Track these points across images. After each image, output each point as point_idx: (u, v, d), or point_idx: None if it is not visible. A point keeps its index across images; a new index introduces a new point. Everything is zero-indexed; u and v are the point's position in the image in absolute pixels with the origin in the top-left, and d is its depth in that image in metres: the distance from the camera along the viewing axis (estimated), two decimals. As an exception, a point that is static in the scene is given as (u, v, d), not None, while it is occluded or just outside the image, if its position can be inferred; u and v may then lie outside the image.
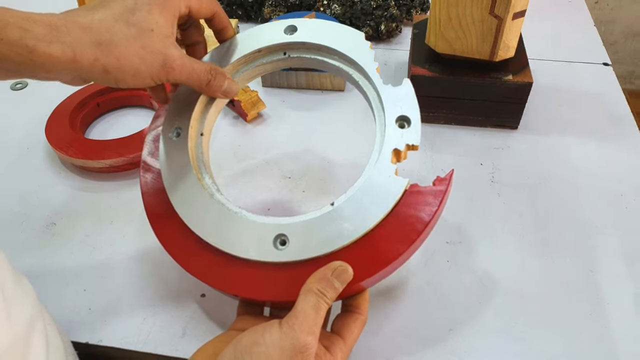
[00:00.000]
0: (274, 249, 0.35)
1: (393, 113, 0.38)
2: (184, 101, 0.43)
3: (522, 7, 0.53)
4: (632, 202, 0.52)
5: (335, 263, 0.33)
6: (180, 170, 0.40)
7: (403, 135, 0.37)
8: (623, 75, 1.66)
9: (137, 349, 0.41)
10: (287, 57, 0.44)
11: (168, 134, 0.42)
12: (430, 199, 0.35)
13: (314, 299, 0.31)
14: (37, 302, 0.34)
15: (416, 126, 0.37)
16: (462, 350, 0.40)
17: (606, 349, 0.40)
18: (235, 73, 0.44)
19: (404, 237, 0.34)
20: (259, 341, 0.29)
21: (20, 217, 0.52)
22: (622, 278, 0.45)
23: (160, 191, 0.40)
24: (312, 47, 0.43)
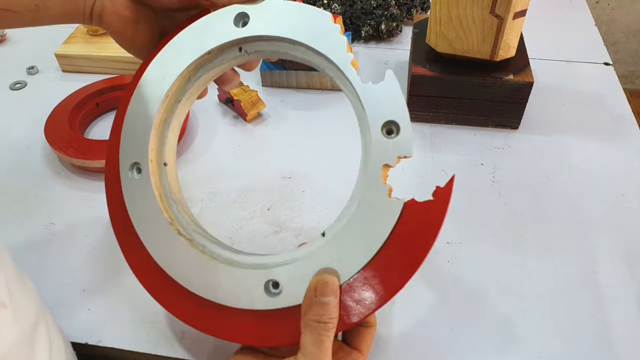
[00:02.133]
0: (266, 295, 0.32)
1: (378, 119, 0.31)
2: (136, 132, 0.37)
3: (522, 7, 0.53)
4: (633, 202, 0.51)
5: (312, 281, 0.31)
6: (150, 216, 0.35)
7: (392, 146, 0.31)
8: (624, 75, 1.65)
9: (136, 349, 0.41)
10: (243, 53, 0.37)
11: (127, 172, 0.37)
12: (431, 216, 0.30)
13: (312, 334, 0.30)
14: (40, 302, 0.34)
15: (406, 132, 0.31)
16: (463, 351, 0.40)
17: (607, 350, 0.40)
18: (187, 83, 0.38)
19: (407, 264, 0.30)
20: None
21: (19, 217, 0.52)
22: (623, 278, 0.45)
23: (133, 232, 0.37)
24: (271, 39, 0.35)
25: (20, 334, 0.30)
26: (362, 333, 0.34)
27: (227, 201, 0.52)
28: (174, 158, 0.39)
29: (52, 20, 0.38)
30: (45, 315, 0.34)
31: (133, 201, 0.36)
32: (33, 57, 0.74)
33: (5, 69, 0.73)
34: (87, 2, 0.38)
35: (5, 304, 0.29)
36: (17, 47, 0.78)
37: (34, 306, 0.33)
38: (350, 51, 0.33)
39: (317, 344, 0.30)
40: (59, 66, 0.72)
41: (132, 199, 0.36)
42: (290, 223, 0.50)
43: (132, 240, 0.36)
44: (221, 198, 0.53)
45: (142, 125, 0.37)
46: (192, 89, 0.38)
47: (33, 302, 0.33)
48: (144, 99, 0.37)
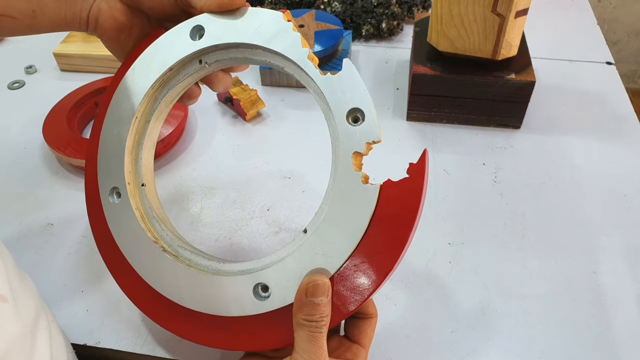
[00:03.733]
0: (256, 300, 0.32)
1: (341, 108, 0.31)
2: (111, 156, 0.38)
3: (524, 5, 0.53)
4: (635, 202, 0.51)
5: (303, 283, 0.31)
6: (134, 238, 0.36)
7: (359, 133, 0.31)
8: (626, 74, 1.65)
9: (135, 350, 0.40)
10: (203, 65, 0.37)
11: (107, 198, 0.38)
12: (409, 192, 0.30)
13: (305, 332, 0.30)
14: (40, 300, 0.34)
15: (371, 118, 0.31)
16: (464, 352, 0.40)
17: (608, 350, 0.40)
18: (154, 102, 0.38)
19: (394, 244, 0.30)
20: None
21: (18, 217, 0.51)
22: (624, 279, 0.44)
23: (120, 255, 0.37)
24: (227, 46, 0.36)
25: (22, 329, 0.30)
26: (361, 326, 0.34)
27: (227, 201, 0.52)
28: (151, 177, 0.40)
29: (49, 27, 0.38)
30: (46, 312, 0.35)
31: (116, 225, 0.37)
32: (31, 56, 0.74)
33: (3, 68, 0.72)
34: (84, 7, 0.38)
35: (7, 298, 0.29)
36: (16, 47, 0.78)
37: (35, 302, 0.33)
38: (305, 46, 0.33)
39: (311, 341, 0.30)
40: (57, 65, 0.71)
41: (115, 222, 0.37)
42: (290, 223, 0.50)
43: (120, 263, 0.37)
44: (220, 198, 0.53)
45: (116, 149, 0.37)
46: (159, 107, 0.38)
47: (33, 298, 0.33)
48: (115, 121, 0.38)
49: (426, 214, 0.50)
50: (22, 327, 0.30)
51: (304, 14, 0.70)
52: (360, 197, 0.31)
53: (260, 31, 0.34)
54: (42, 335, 0.32)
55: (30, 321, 0.31)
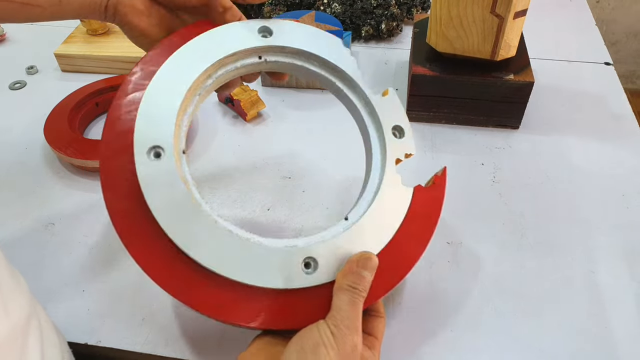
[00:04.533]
0: (304, 274, 0.34)
1: (388, 123, 0.40)
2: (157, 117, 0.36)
3: (523, 6, 0.53)
4: (633, 201, 0.51)
5: (357, 254, 0.34)
6: (174, 200, 0.34)
7: (401, 144, 0.39)
8: (625, 75, 1.65)
9: (136, 349, 0.40)
10: (262, 61, 0.40)
11: (144, 156, 0.34)
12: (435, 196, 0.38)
13: (347, 295, 0.32)
14: (32, 299, 0.34)
15: (409, 134, 0.40)
16: (463, 351, 0.40)
17: (607, 349, 0.40)
18: (207, 79, 0.39)
19: (421, 237, 0.36)
20: (319, 343, 0.30)
21: (19, 217, 0.52)
22: (623, 278, 0.45)
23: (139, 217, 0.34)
24: (291, 51, 0.41)
25: (11, 329, 0.30)
26: (374, 321, 0.36)
27: (227, 201, 0.52)
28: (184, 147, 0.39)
29: (72, 15, 0.40)
30: (38, 312, 0.34)
31: (152, 185, 0.34)
32: (32, 56, 0.74)
33: (4, 68, 0.72)
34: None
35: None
36: (17, 47, 0.78)
37: (26, 302, 0.33)
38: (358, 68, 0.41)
39: (351, 304, 0.32)
40: (59, 66, 0.72)
41: (150, 183, 0.34)
42: (290, 223, 0.50)
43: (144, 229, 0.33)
44: (221, 198, 0.53)
45: (165, 111, 0.36)
46: (210, 86, 0.39)
47: (25, 298, 0.33)
48: (166, 88, 0.37)
49: (425, 213, 0.50)
50: (11, 325, 0.30)
51: (303, 15, 0.71)
52: (400, 195, 0.37)
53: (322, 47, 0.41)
54: (33, 335, 0.32)
55: (21, 320, 0.31)
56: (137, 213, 0.34)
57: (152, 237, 0.33)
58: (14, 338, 0.30)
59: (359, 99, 0.41)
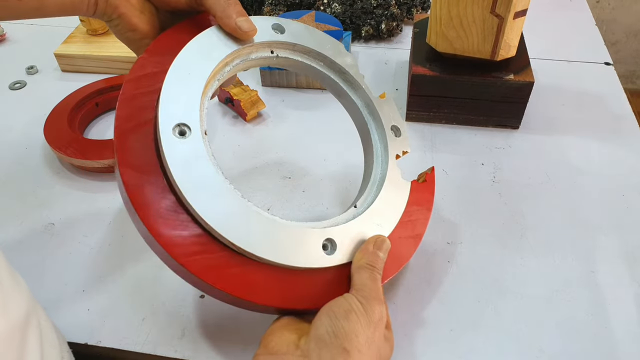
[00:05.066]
0: (324, 254, 0.35)
1: (387, 122, 0.44)
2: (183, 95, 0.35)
3: (523, 6, 0.53)
4: (633, 201, 0.51)
5: (373, 237, 0.37)
6: (202, 178, 0.33)
7: (399, 142, 0.44)
8: (625, 75, 1.65)
9: (136, 349, 0.40)
10: (275, 56, 0.42)
11: (170, 133, 0.33)
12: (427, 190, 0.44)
13: (367, 272, 0.35)
14: (32, 299, 0.34)
15: (405, 134, 0.45)
16: (463, 350, 0.40)
17: (607, 349, 0.40)
18: (226, 66, 0.40)
19: (422, 220, 0.42)
20: (350, 310, 0.32)
21: (19, 217, 0.52)
22: (622, 278, 0.45)
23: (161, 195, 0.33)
24: (301, 49, 0.43)
25: (10, 328, 0.30)
26: None
27: (227, 201, 0.52)
28: None
29: (55, 9, 0.37)
30: (37, 311, 0.34)
31: (179, 162, 0.33)
32: (32, 56, 0.74)
33: (4, 68, 0.73)
34: None
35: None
36: (17, 47, 0.78)
37: (26, 301, 0.33)
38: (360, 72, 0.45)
39: (372, 279, 0.34)
40: (59, 66, 0.72)
41: (177, 160, 0.33)
42: (290, 223, 0.50)
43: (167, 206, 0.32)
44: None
45: (190, 92, 0.35)
46: (227, 73, 0.40)
47: (24, 297, 0.33)
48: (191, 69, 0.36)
49: (425, 213, 0.50)
50: (10, 324, 0.30)
51: (303, 15, 0.71)
52: (402, 187, 0.42)
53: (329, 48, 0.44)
54: (32, 334, 0.32)
55: (20, 319, 0.31)
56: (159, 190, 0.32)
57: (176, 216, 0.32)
58: (13, 337, 0.30)
59: (360, 100, 0.45)
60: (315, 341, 0.31)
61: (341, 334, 0.31)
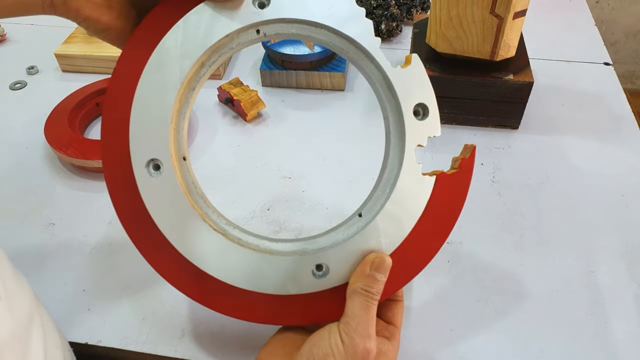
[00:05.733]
0: (315, 279, 0.34)
1: (408, 102, 0.34)
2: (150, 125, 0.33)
3: (522, 7, 0.53)
4: (632, 202, 0.51)
5: (371, 256, 0.33)
6: (179, 215, 0.33)
7: (423, 127, 0.34)
8: (624, 75, 1.65)
9: (136, 349, 0.41)
10: (261, 35, 0.35)
11: (144, 171, 0.33)
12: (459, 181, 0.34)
13: (360, 300, 0.32)
14: (34, 298, 0.34)
15: (434, 114, 0.34)
16: (463, 350, 0.40)
17: (606, 349, 0.40)
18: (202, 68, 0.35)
19: (439, 232, 0.34)
20: (329, 353, 0.31)
21: (20, 217, 0.52)
22: (622, 278, 0.45)
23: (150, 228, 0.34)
24: (293, 21, 0.34)
25: (15, 327, 0.30)
26: (394, 308, 0.36)
27: (227, 201, 0.52)
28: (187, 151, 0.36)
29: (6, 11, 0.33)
30: (40, 311, 0.35)
31: (155, 201, 0.33)
32: (33, 57, 0.74)
33: (5, 68, 0.73)
34: None
35: (1, 297, 0.29)
36: (17, 47, 0.78)
37: (29, 302, 0.33)
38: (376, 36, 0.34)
39: (365, 308, 0.31)
40: (59, 66, 0.72)
41: (153, 198, 0.33)
42: (290, 223, 0.50)
43: (155, 242, 0.34)
44: (221, 198, 0.53)
45: (157, 118, 0.33)
46: (206, 74, 0.35)
47: (28, 297, 0.33)
48: (156, 87, 0.33)
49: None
50: (15, 325, 0.30)
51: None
52: (419, 188, 0.34)
53: (332, 12, 0.33)
54: (36, 333, 0.32)
55: (24, 320, 0.31)
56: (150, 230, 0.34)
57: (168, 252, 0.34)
58: (18, 337, 0.30)
59: (377, 72, 0.35)
60: None
61: None
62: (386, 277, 0.33)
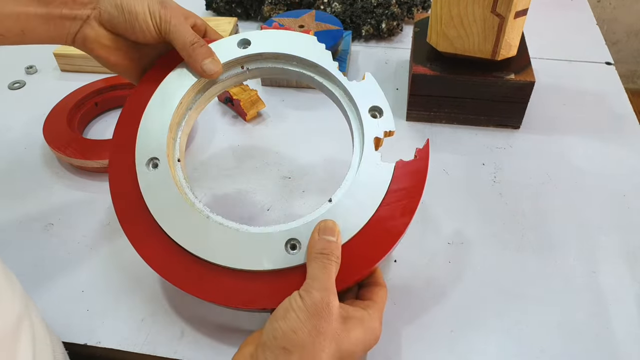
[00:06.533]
0: (287, 254, 0.36)
1: (365, 105, 0.41)
2: (153, 132, 0.42)
3: (524, 6, 0.53)
4: (634, 202, 0.51)
5: (317, 225, 0.36)
6: (171, 204, 0.39)
7: (379, 124, 0.40)
8: (625, 75, 1.65)
9: (135, 350, 0.40)
10: (245, 70, 0.45)
11: (144, 167, 0.41)
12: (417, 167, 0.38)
13: (317, 262, 0.34)
14: (25, 299, 0.34)
15: (388, 114, 0.41)
16: (463, 351, 0.40)
17: (607, 350, 0.40)
18: (196, 94, 0.45)
19: (406, 209, 0.37)
20: (288, 308, 0.32)
21: (18, 217, 0.51)
22: (624, 278, 0.45)
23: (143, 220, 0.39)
24: (269, 56, 0.44)
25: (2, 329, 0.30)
26: (371, 288, 0.37)
27: (227, 201, 0.52)
28: (184, 158, 0.44)
29: (38, 42, 0.43)
30: (30, 312, 0.34)
31: (151, 192, 0.40)
32: (32, 56, 0.74)
33: (3, 68, 0.72)
34: (71, 30, 0.42)
35: None
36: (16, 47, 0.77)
37: (18, 303, 0.33)
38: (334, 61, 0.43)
39: (322, 269, 0.33)
40: (58, 65, 0.71)
41: (150, 190, 0.40)
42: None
43: (146, 230, 0.39)
44: (221, 198, 0.53)
45: (159, 127, 0.42)
46: (200, 99, 0.45)
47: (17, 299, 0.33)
48: (161, 106, 0.43)
49: (425, 213, 0.50)
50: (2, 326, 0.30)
51: (303, 15, 0.71)
52: (380, 172, 0.38)
53: (298, 47, 0.44)
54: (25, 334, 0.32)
55: (12, 322, 0.31)
56: (141, 216, 0.39)
57: (156, 236, 0.38)
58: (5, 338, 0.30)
59: (338, 89, 0.43)
60: (262, 347, 0.31)
61: (279, 335, 0.31)
62: (336, 238, 0.35)
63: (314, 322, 0.31)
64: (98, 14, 0.42)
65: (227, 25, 0.76)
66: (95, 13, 0.42)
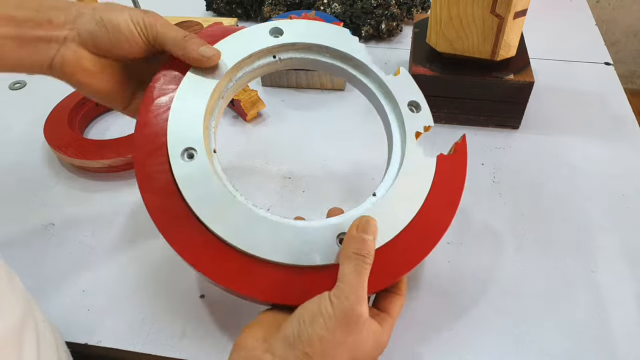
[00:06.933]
0: (338, 249, 0.35)
1: (403, 100, 0.41)
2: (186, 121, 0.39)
3: (523, 6, 0.53)
4: (633, 201, 0.51)
5: (355, 221, 0.34)
6: (209, 194, 0.36)
7: (417, 118, 0.41)
8: (625, 75, 1.65)
9: (136, 349, 0.40)
10: (277, 60, 0.43)
11: (179, 158, 0.37)
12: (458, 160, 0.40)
13: (352, 263, 0.32)
14: (28, 299, 0.34)
15: (425, 109, 0.42)
16: (463, 351, 0.40)
17: (607, 349, 0.40)
18: (228, 82, 0.42)
19: (450, 202, 0.37)
20: (317, 313, 0.31)
21: (19, 217, 0.52)
22: (623, 278, 0.45)
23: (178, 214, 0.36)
24: (302, 47, 0.43)
25: (6, 330, 0.30)
26: (392, 298, 0.36)
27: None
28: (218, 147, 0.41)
29: (9, 69, 0.37)
30: (34, 312, 0.34)
31: (189, 183, 0.36)
32: (33, 56, 0.74)
33: (4, 68, 0.72)
34: (48, 55, 0.37)
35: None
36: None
37: (22, 303, 0.33)
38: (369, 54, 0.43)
39: (356, 273, 0.32)
40: (59, 66, 0.71)
41: (187, 181, 0.37)
42: (290, 223, 0.50)
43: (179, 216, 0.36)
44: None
45: (192, 116, 0.39)
46: (231, 89, 0.42)
47: (21, 299, 0.33)
48: (191, 95, 0.39)
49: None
50: (6, 328, 0.30)
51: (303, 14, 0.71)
52: (424, 166, 0.39)
53: (332, 38, 0.43)
54: (29, 334, 0.32)
55: (16, 322, 0.31)
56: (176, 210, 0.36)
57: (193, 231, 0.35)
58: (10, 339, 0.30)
59: (373, 82, 0.43)
60: (282, 340, 0.31)
61: (304, 338, 0.30)
62: (374, 237, 0.34)
63: (341, 332, 0.30)
64: (76, 35, 0.37)
65: (227, 26, 0.76)
66: (74, 34, 0.37)
